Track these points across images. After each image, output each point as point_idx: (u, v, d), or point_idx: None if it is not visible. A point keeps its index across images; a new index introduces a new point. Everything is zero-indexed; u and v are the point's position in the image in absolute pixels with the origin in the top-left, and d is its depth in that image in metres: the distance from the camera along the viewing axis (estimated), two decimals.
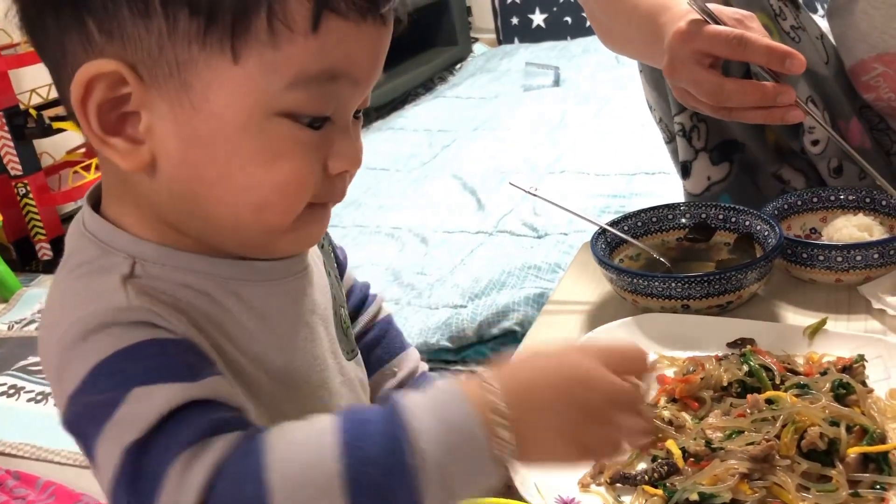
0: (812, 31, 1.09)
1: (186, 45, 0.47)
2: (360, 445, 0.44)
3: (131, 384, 0.46)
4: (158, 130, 0.49)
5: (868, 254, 0.88)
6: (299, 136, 0.50)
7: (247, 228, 0.52)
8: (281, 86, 0.48)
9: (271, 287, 0.57)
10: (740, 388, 0.73)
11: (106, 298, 0.49)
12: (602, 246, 0.96)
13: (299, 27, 0.47)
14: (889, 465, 0.64)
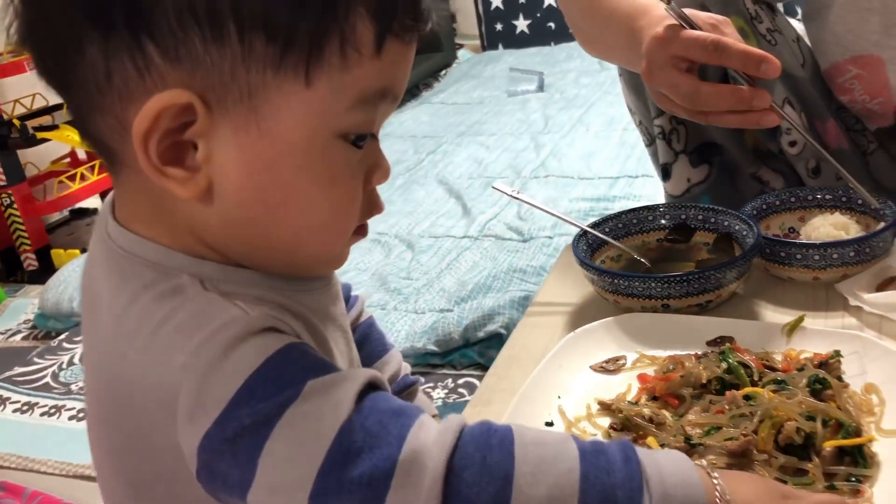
0: (788, 34, 1.11)
1: (261, 70, 0.46)
2: (599, 456, 0.47)
3: (300, 382, 0.45)
4: (218, 157, 0.48)
5: (844, 252, 0.90)
6: (351, 156, 0.51)
7: (304, 249, 0.53)
8: (345, 107, 0.49)
9: (317, 294, 0.57)
10: (719, 385, 0.74)
11: (219, 314, 0.48)
12: (583, 248, 0.97)
13: (366, 50, 0.48)
14: (864, 458, 0.65)
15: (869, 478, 0.64)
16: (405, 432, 0.44)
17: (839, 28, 1.05)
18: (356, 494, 0.43)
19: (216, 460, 0.45)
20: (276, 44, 0.46)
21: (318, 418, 0.44)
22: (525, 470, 0.45)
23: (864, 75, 1.07)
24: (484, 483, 0.44)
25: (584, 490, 0.45)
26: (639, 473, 0.46)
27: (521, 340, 0.95)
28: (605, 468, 0.46)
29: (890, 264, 0.91)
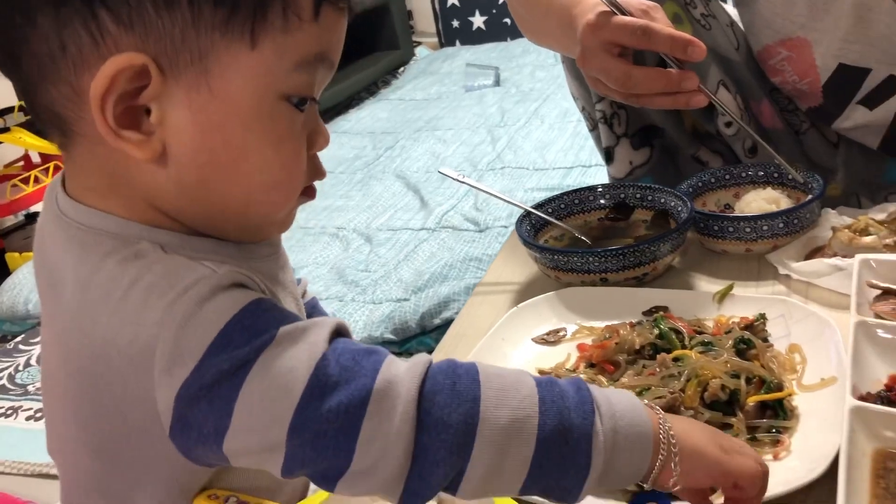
0: (722, 18, 1.15)
1: (209, 33, 0.49)
2: (552, 385, 0.50)
3: (273, 328, 0.48)
4: (172, 119, 0.50)
5: (774, 223, 0.94)
6: (295, 118, 0.53)
7: (256, 209, 0.55)
8: (288, 69, 0.51)
9: (265, 262, 0.59)
10: (652, 350, 0.77)
11: (188, 273, 0.50)
12: (527, 228, 1.00)
13: (305, 15, 0.51)
14: (784, 411, 0.69)
15: (788, 429, 0.68)
16: (378, 366, 0.47)
17: (768, 12, 1.09)
18: (333, 423, 0.46)
19: (192, 409, 0.47)
20: (223, 7, 0.49)
21: (294, 358, 0.47)
22: (490, 394, 0.48)
23: (793, 57, 1.11)
24: (455, 405, 0.47)
25: (542, 411, 0.48)
26: (590, 399, 0.50)
27: (467, 318, 0.98)
28: (560, 394, 0.50)
29: (817, 234, 0.95)
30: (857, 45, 1.02)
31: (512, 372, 0.51)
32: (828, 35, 1.04)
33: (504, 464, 0.48)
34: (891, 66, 1.02)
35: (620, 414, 0.50)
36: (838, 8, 1.01)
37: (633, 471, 0.51)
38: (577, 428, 0.49)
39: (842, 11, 1.01)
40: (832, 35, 1.04)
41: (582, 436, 0.49)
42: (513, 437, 0.48)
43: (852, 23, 1.01)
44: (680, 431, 0.52)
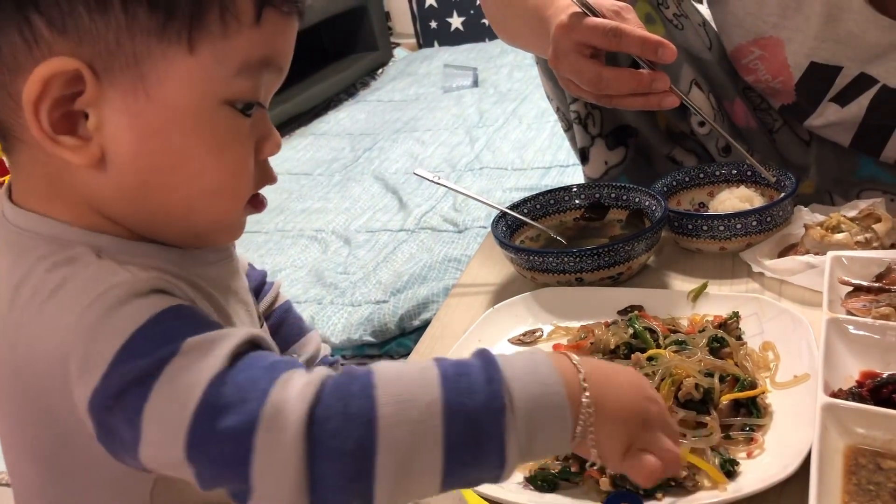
0: (694, 18, 1.15)
1: (145, 38, 0.48)
2: (460, 379, 0.47)
3: (179, 339, 0.46)
4: (110, 125, 0.50)
5: (747, 222, 0.94)
6: (239, 123, 0.53)
7: (199, 215, 0.54)
8: (229, 74, 0.51)
9: (212, 268, 0.59)
10: (627, 349, 0.77)
11: (109, 278, 0.49)
12: (503, 228, 1.00)
13: (245, 19, 0.50)
14: (758, 409, 0.69)
15: (762, 427, 0.68)
16: (269, 387, 0.45)
17: (740, 11, 1.10)
18: (226, 447, 0.44)
19: (108, 417, 0.46)
20: (158, 12, 0.48)
21: (193, 373, 0.45)
22: (386, 411, 0.45)
23: (765, 56, 1.12)
24: (348, 430, 0.44)
25: (447, 419, 0.46)
26: (500, 392, 0.47)
27: (444, 320, 0.97)
28: (468, 391, 0.47)
29: (790, 232, 0.96)
30: (829, 44, 1.03)
31: (414, 372, 0.48)
32: (799, 34, 1.05)
33: (411, 479, 0.46)
34: (862, 63, 1.03)
35: (538, 395, 0.47)
36: (809, 7, 1.02)
37: (556, 445, 0.49)
38: (488, 431, 0.46)
39: (812, 10, 1.02)
40: (804, 34, 1.04)
41: (494, 436, 0.46)
42: (417, 452, 0.45)
43: (823, 21, 1.01)
44: (604, 399, 0.49)
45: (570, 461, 0.66)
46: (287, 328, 0.79)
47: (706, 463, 0.64)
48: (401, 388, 0.46)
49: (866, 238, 0.87)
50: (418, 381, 0.47)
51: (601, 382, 0.50)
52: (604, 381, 0.50)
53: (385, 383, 0.46)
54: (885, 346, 0.69)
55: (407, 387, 0.46)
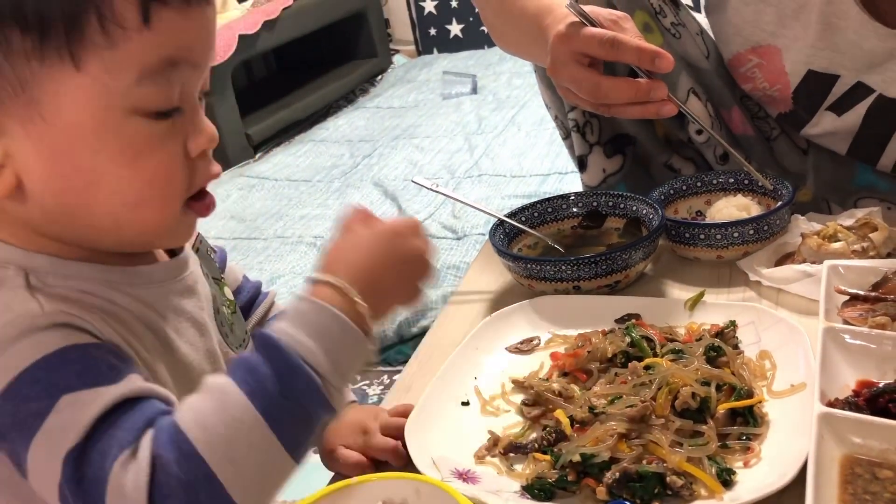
0: (692, 27, 1.16)
1: (26, 62, 0.48)
2: (261, 387, 0.49)
3: (58, 392, 0.47)
4: (17, 153, 0.50)
5: (744, 230, 0.94)
6: (154, 129, 0.52)
7: (128, 228, 0.54)
8: (128, 83, 0.50)
9: (161, 287, 0.59)
10: (624, 358, 0.77)
11: (16, 308, 0.50)
12: (501, 236, 1.00)
13: (131, 23, 0.49)
14: (755, 418, 0.69)
15: (758, 436, 0.68)
16: (108, 475, 0.46)
17: (738, 20, 1.10)
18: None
19: (3, 443, 0.49)
20: (31, 34, 0.47)
21: (61, 437, 0.47)
22: (217, 458, 0.47)
23: (763, 64, 1.12)
24: (193, 499, 0.47)
25: (279, 432, 0.49)
26: (302, 369, 0.50)
27: (442, 328, 0.97)
28: (277, 392, 0.49)
29: (787, 241, 0.96)
30: (826, 52, 1.04)
31: (217, 403, 0.49)
32: (797, 42, 1.05)
33: (269, 483, 0.50)
34: (859, 72, 1.03)
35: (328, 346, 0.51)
36: (806, 15, 1.03)
37: (363, 354, 0.54)
38: (308, 406, 0.50)
39: (810, 19, 1.02)
40: (801, 42, 1.05)
41: (314, 404, 0.50)
42: (264, 467, 0.49)
43: (820, 29, 1.02)
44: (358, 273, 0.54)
45: (567, 470, 0.66)
46: None
47: (703, 472, 0.64)
48: (219, 431, 0.48)
49: (863, 247, 0.87)
50: (228, 411, 0.49)
51: (360, 276, 0.54)
52: (361, 273, 0.54)
53: (201, 429, 0.48)
54: (881, 356, 0.70)
55: (221, 423, 0.48)
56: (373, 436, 0.74)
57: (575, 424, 0.71)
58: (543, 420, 0.74)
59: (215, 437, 0.48)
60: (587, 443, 0.67)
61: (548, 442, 0.70)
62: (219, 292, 0.70)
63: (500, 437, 0.73)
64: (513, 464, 0.70)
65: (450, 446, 0.72)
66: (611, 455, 0.65)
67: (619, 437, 0.66)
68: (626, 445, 0.66)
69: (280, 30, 3.36)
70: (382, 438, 0.74)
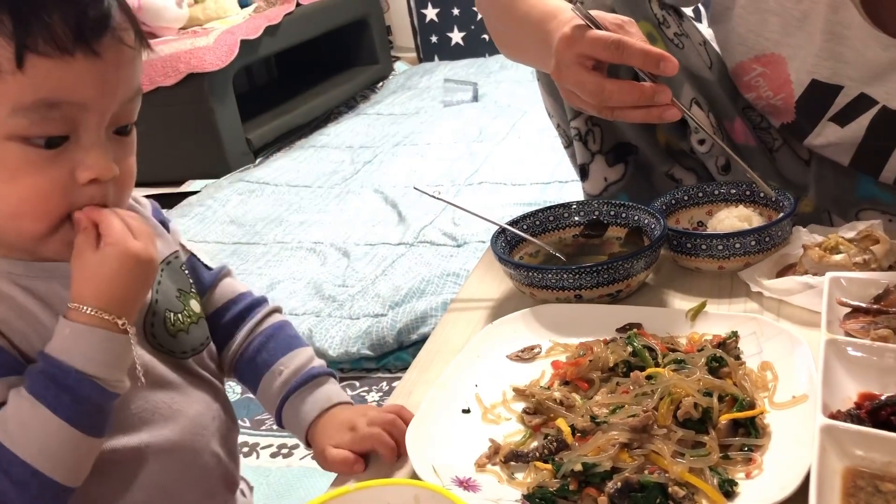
0: (695, 37, 1.16)
1: None
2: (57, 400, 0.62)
3: None
4: None
5: (746, 241, 0.94)
6: (31, 155, 0.59)
7: (9, 234, 0.63)
8: (3, 114, 0.57)
9: (62, 282, 0.66)
10: (626, 367, 0.77)
11: None
12: (502, 244, 1.00)
13: (6, 67, 0.57)
14: (756, 429, 0.69)
15: (760, 447, 0.68)
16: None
17: (742, 29, 1.10)
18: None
19: None
20: None
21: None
22: (35, 457, 0.61)
23: (767, 73, 1.12)
24: (24, 489, 0.61)
25: (80, 427, 0.62)
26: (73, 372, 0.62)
27: (442, 335, 0.97)
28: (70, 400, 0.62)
29: (789, 252, 0.96)
30: (830, 62, 1.04)
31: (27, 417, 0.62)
32: (801, 51, 1.05)
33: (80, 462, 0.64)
34: (862, 83, 1.03)
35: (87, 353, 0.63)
36: (811, 25, 1.03)
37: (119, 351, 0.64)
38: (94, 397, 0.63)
39: (815, 28, 1.03)
40: (806, 51, 1.05)
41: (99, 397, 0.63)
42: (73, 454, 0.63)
43: (825, 39, 1.02)
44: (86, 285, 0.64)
45: (569, 479, 0.65)
46: (273, 346, 0.84)
47: (705, 483, 0.63)
48: (32, 440, 0.61)
49: (864, 259, 0.87)
50: (34, 418, 0.61)
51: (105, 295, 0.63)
52: (104, 291, 0.64)
53: (19, 444, 0.61)
54: (883, 368, 0.69)
55: (32, 432, 0.61)
56: (359, 430, 0.76)
57: (576, 433, 0.70)
58: (544, 429, 0.74)
59: (30, 442, 0.61)
60: (589, 452, 0.67)
61: (549, 451, 0.70)
62: (177, 301, 0.78)
63: (501, 446, 0.73)
64: (514, 472, 0.70)
65: (450, 454, 0.72)
66: (612, 465, 0.65)
67: (621, 446, 0.66)
68: (628, 455, 0.66)
69: (282, 35, 3.36)
70: (367, 429, 0.76)
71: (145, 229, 0.67)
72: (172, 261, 0.80)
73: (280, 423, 0.83)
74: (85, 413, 0.63)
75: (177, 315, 0.78)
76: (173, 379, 0.76)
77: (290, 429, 0.83)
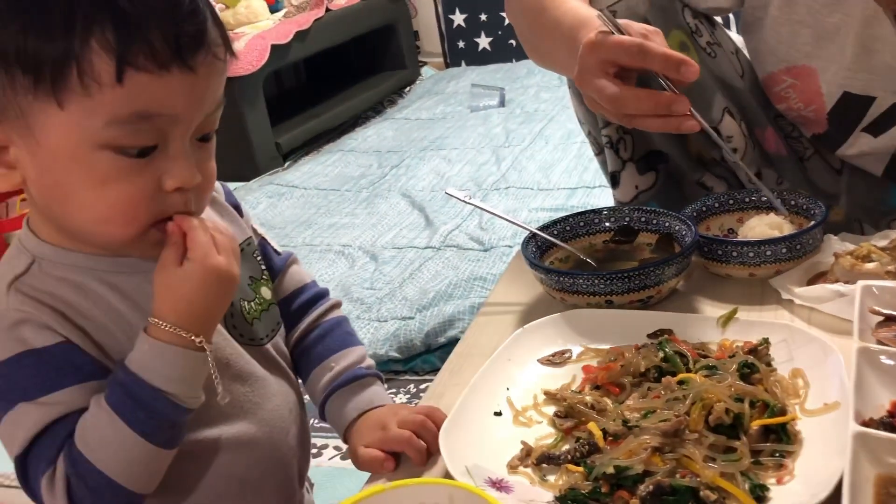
0: (727, 46, 1.17)
1: (24, 95, 0.60)
2: (128, 405, 0.64)
3: (15, 399, 0.63)
4: (21, 160, 0.63)
5: (777, 248, 0.95)
6: (122, 164, 0.62)
7: (97, 237, 0.66)
8: (98, 125, 0.60)
9: (146, 277, 0.68)
10: (657, 373, 0.78)
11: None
12: (533, 249, 1.01)
13: (105, 80, 0.59)
14: (788, 436, 0.69)
15: (792, 453, 0.68)
16: (39, 486, 0.64)
17: (773, 40, 1.11)
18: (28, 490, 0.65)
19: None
20: (29, 75, 0.59)
21: (9, 444, 0.65)
22: (113, 469, 0.64)
23: (798, 84, 1.12)
24: (100, 496, 0.64)
25: (147, 437, 0.64)
26: (155, 392, 0.64)
27: (473, 339, 0.99)
28: (135, 412, 0.64)
29: (820, 260, 0.96)
30: (862, 74, 1.04)
31: (104, 426, 0.64)
32: (833, 64, 1.06)
33: (152, 472, 0.66)
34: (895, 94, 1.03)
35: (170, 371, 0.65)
36: (843, 37, 1.03)
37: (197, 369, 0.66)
38: (167, 415, 0.65)
39: (847, 41, 1.03)
40: (838, 64, 1.05)
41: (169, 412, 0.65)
42: (145, 464, 0.65)
43: (857, 52, 1.02)
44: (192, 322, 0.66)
45: (601, 482, 0.66)
46: (329, 341, 0.86)
47: (736, 487, 0.64)
48: (108, 451, 0.64)
49: None
50: (108, 428, 0.64)
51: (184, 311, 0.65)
52: (184, 308, 0.65)
53: (88, 442, 0.64)
54: None
55: (108, 443, 0.64)
56: (389, 430, 0.77)
57: (607, 437, 0.71)
58: (576, 432, 0.75)
59: (110, 456, 0.64)
60: (621, 455, 0.68)
61: (580, 454, 0.71)
62: (249, 290, 0.79)
63: (533, 448, 0.73)
64: (545, 474, 0.71)
65: (483, 455, 0.73)
66: (644, 468, 0.66)
67: (653, 450, 0.67)
68: (660, 459, 0.67)
69: (311, 41, 3.40)
70: (398, 430, 0.77)
71: (229, 244, 0.68)
72: (245, 248, 0.81)
73: (322, 416, 0.86)
74: (159, 428, 0.65)
75: (249, 303, 0.79)
76: (254, 370, 0.77)
77: (331, 424, 0.85)
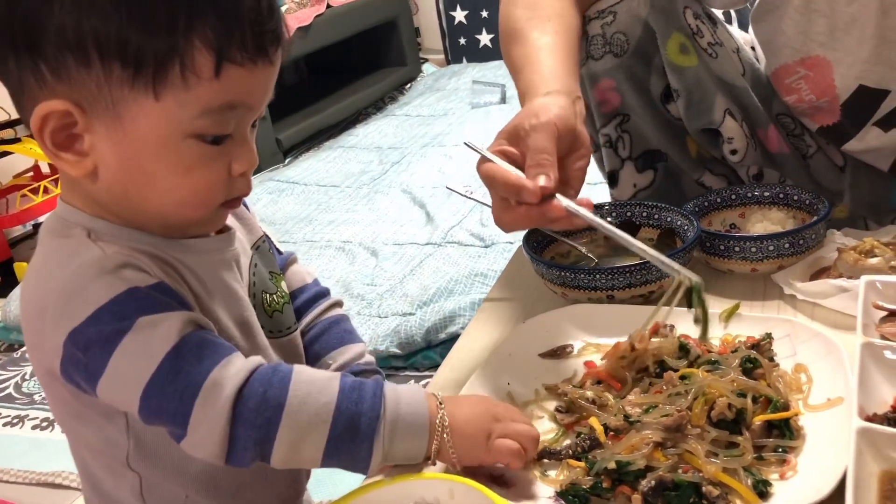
0: (729, 45, 1.15)
1: (119, 87, 0.61)
2: (353, 391, 0.65)
3: (134, 317, 0.61)
4: (99, 148, 0.63)
5: (779, 244, 0.94)
6: (205, 151, 0.65)
7: (171, 218, 0.68)
8: (191, 116, 0.62)
9: (203, 257, 0.71)
10: (659, 368, 0.78)
11: (83, 253, 0.64)
12: (534, 244, 1.00)
13: (205, 74, 0.61)
14: (791, 431, 0.69)
15: (794, 449, 0.68)
16: (212, 367, 0.62)
17: (791, 30, 1.09)
18: (172, 403, 0.61)
19: (74, 358, 0.62)
20: (129, 68, 0.60)
21: (149, 344, 0.61)
22: (294, 401, 0.63)
23: (811, 76, 1.11)
24: (262, 409, 0.62)
25: (336, 416, 0.63)
26: (381, 405, 0.65)
27: (474, 333, 0.98)
28: (356, 400, 0.64)
29: (823, 255, 0.96)
30: (879, 68, 1.03)
31: (323, 379, 0.65)
32: (850, 56, 1.04)
33: (300, 453, 0.63)
34: None
35: (404, 414, 0.65)
36: (860, 30, 1.02)
37: (414, 454, 0.66)
38: (363, 432, 0.64)
39: (865, 33, 1.02)
40: (854, 56, 1.04)
41: (365, 438, 0.64)
42: (308, 434, 0.63)
43: (876, 44, 1.01)
44: (455, 416, 0.67)
45: (602, 477, 0.66)
46: (327, 338, 0.85)
47: (738, 483, 0.64)
48: (309, 387, 0.64)
49: None
50: (324, 385, 0.65)
51: (453, 408, 0.67)
52: (455, 406, 0.67)
53: (299, 381, 0.64)
54: None
55: (314, 386, 0.64)
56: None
57: (609, 432, 0.71)
58: (577, 427, 0.74)
59: (302, 391, 0.63)
60: (622, 450, 0.67)
61: (582, 449, 0.70)
62: (271, 283, 0.81)
63: None
64: (546, 470, 0.71)
65: None
66: (646, 463, 0.66)
67: (655, 445, 0.67)
68: (662, 454, 0.66)
69: (312, 37, 3.39)
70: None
71: None
72: (261, 245, 0.83)
73: None
74: (338, 447, 0.64)
75: (272, 296, 0.81)
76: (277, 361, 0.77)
77: None
